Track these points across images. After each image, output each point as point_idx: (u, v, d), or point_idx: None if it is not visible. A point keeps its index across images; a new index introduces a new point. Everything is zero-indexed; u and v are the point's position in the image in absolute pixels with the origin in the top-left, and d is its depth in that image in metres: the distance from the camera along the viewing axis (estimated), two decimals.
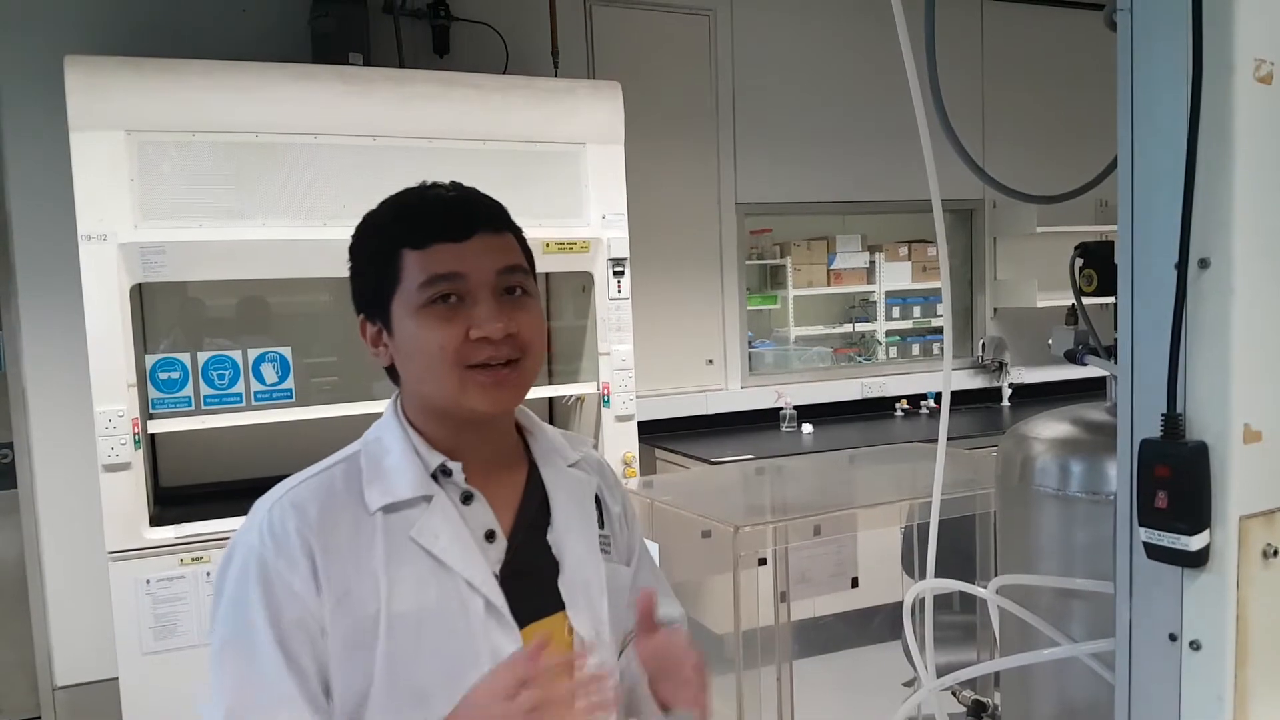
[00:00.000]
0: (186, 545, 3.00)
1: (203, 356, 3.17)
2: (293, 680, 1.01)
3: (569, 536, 1.17)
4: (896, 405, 5.02)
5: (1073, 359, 1.22)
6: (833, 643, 3.91)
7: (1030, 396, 5.25)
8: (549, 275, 3.96)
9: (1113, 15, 0.93)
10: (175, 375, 3.13)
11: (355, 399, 3.26)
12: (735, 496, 3.04)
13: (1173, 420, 0.88)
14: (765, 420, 4.75)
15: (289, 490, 1.10)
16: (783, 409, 4.72)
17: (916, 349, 5.38)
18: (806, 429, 4.60)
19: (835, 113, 4.83)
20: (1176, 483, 0.87)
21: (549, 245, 3.41)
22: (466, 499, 1.12)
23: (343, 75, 3.24)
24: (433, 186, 1.16)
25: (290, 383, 3.28)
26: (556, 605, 1.14)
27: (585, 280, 3.63)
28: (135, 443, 2.94)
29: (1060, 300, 4.77)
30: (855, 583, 2.70)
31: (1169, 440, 0.88)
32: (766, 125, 4.70)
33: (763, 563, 2.38)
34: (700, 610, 2.57)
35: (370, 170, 3.18)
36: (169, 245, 2.97)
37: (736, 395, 4.76)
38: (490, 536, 1.12)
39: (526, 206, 3.30)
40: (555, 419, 4.04)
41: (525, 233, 1.17)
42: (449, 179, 1.16)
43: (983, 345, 5.28)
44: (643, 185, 3.99)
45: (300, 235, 3.09)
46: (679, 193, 4.53)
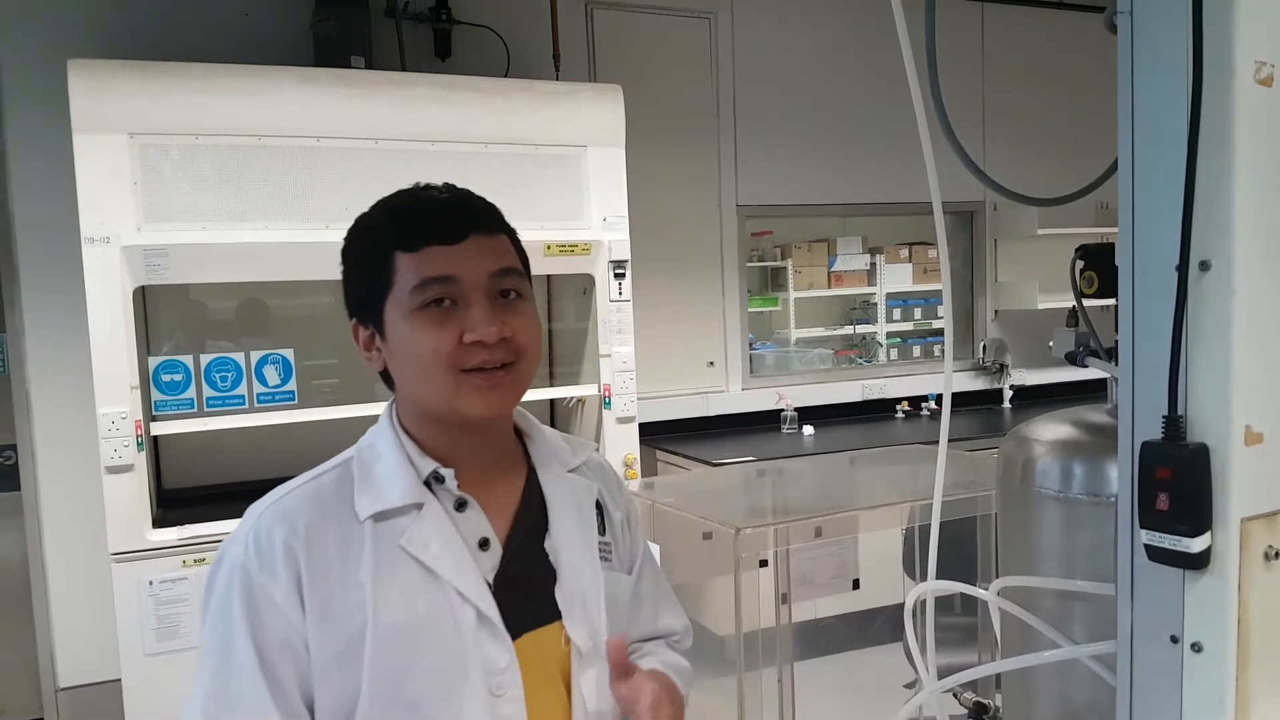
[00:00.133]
0: (189, 547, 3.00)
1: (205, 359, 3.17)
2: (268, 694, 1.00)
3: (567, 544, 1.15)
4: (897, 407, 5.02)
5: (1073, 361, 1.22)
6: (834, 644, 3.91)
7: (1031, 398, 5.25)
8: (550, 277, 3.97)
9: (1113, 17, 0.93)
10: (178, 377, 3.13)
11: (358, 401, 3.27)
12: (736, 498, 3.04)
13: (1174, 422, 0.88)
14: (766, 422, 4.75)
15: (277, 500, 1.08)
16: (784, 411, 4.72)
17: (917, 351, 5.39)
18: (807, 431, 4.61)
19: (836, 115, 4.83)
20: (1178, 485, 0.87)
21: (550, 247, 3.41)
22: (460, 506, 1.10)
23: (344, 78, 3.24)
24: (426, 188, 1.13)
25: (293, 385, 3.28)
26: (553, 615, 1.12)
27: (586, 282, 3.63)
28: (138, 444, 2.94)
29: (1061, 302, 4.77)
30: (856, 584, 2.70)
31: (1170, 442, 0.88)
32: (767, 128, 4.70)
33: (764, 564, 2.38)
34: (701, 612, 2.57)
35: (372, 173, 3.18)
36: (172, 248, 2.97)
37: (737, 397, 4.76)
38: (484, 544, 1.10)
39: (528, 209, 3.38)
40: (556, 421, 4.04)
41: (527, 235, 1.15)
42: (451, 182, 1.14)
43: (983, 347, 5.28)
44: (644, 188, 3.99)
45: (302, 238, 3.10)
46: (680, 195, 4.54)
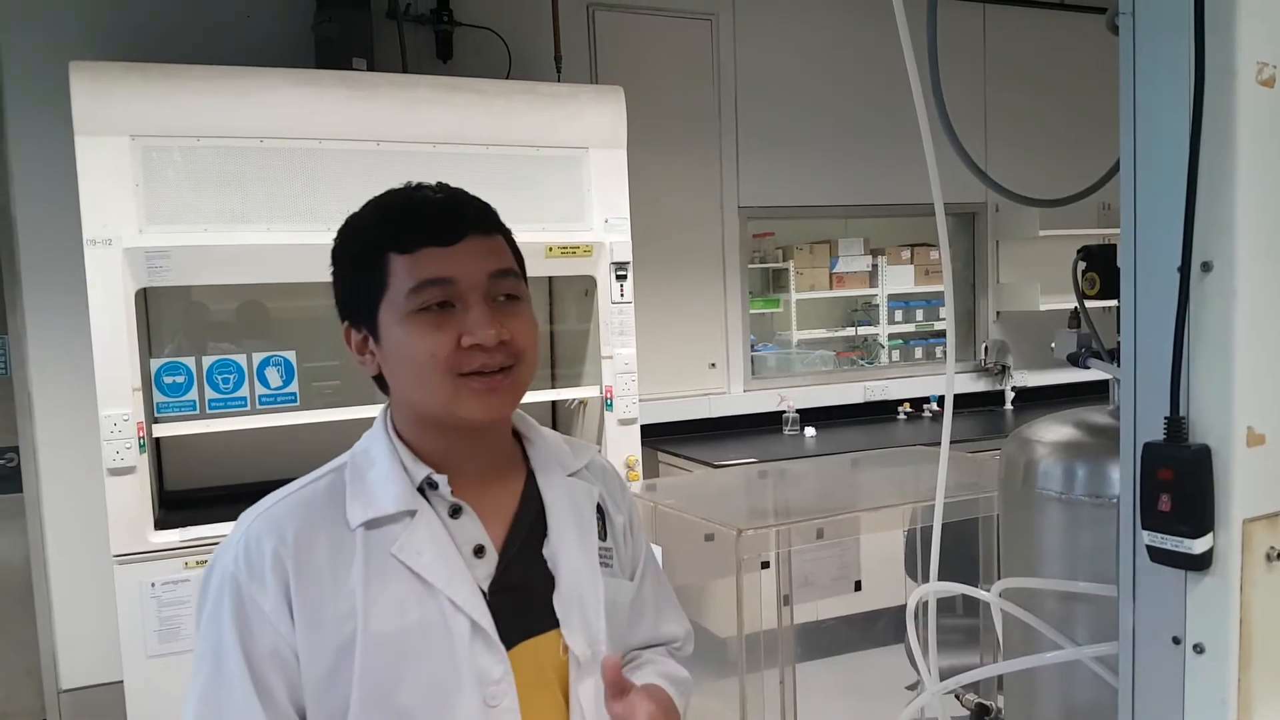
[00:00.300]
0: (191, 548, 3.00)
1: (207, 360, 3.18)
2: (259, 704, 1.00)
3: (566, 549, 1.12)
4: (899, 408, 5.02)
5: (1075, 362, 1.21)
6: (836, 646, 3.90)
7: (1033, 400, 5.25)
8: (552, 279, 3.97)
9: (1115, 19, 0.93)
10: (180, 379, 3.13)
11: (359, 402, 3.27)
12: (738, 500, 3.03)
13: (1176, 423, 0.88)
14: (768, 423, 4.75)
15: (268, 508, 1.07)
16: (785, 412, 4.72)
17: (919, 352, 5.39)
18: (809, 432, 4.60)
19: (837, 116, 4.83)
20: (1180, 486, 0.87)
21: (552, 249, 3.41)
22: (454, 512, 1.08)
23: (346, 80, 3.25)
24: (419, 188, 1.10)
25: (295, 386, 3.28)
26: (551, 623, 1.10)
27: (588, 284, 3.63)
28: (140, 446, 2.95)
29: (1063, 303, 4.77)
30: (858, 586, 2.69)
31: (1172, 443, 0.88)
32: (769, 129, 4.70)
33: (765, 566, 2.38)
34: (703, 613, 2.57)
35: (374, 175, 3.18)
36: (173, 250, 2.98)
37: (739, 398, 4.76)
38: (479, 551, 1.08)
39: (529, 210, 3.39)
40: (558, 422, 4.04)
41: (528, 237, 1.14)
42: (453, 183, 1.12)
43: (985, 348, 5.27)
44: (645, 189, 3.99)
45: (304, 240, 3.10)
46: (681, 196, 4.54)
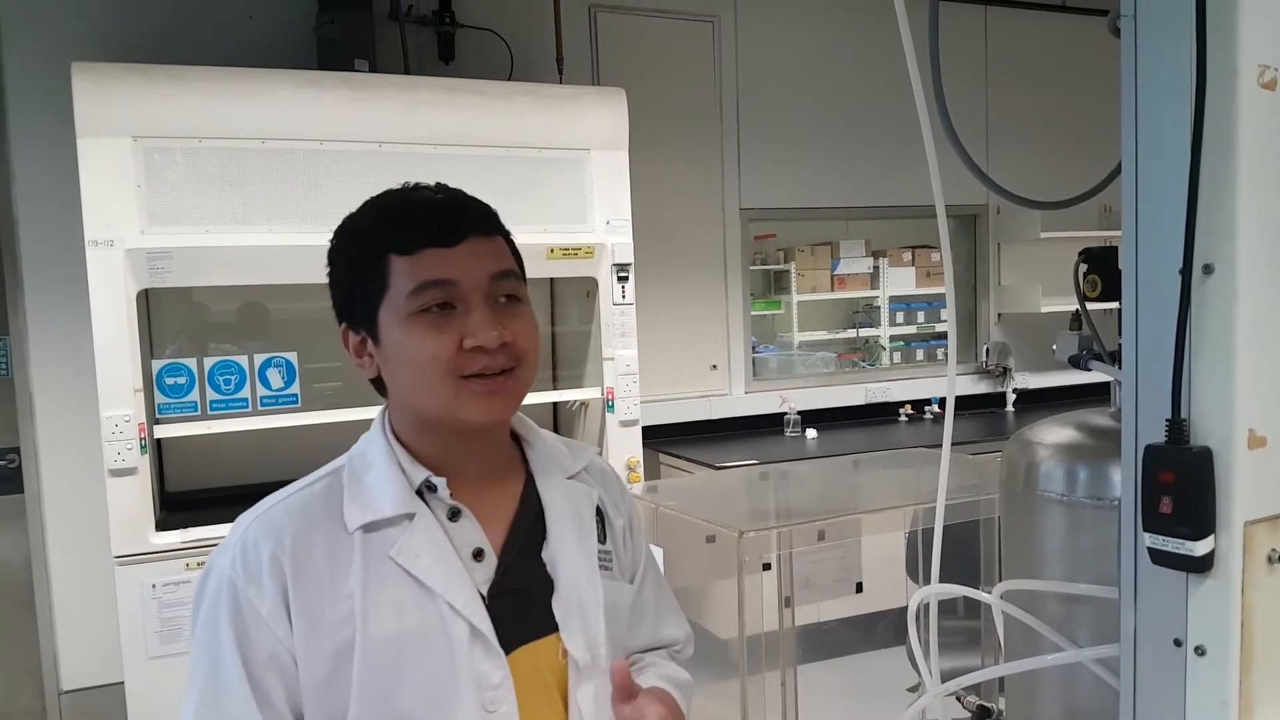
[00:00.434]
0: (192, 549, 3.00)
1: (209, 362, 3.18)
2: (257, 709, 0.99)
3: (565, 553, 1.12)
4: (900, 410, 5.02)
5: (1077, 364, 1.22)
6: (837, 648, 3.90)
7: (1034, 402, 5.25)
8: (553, 280, 3.97)
9: (1116, 21, 0.93)
10: (181, 380, 3.13)
11: (361, 404, 3.26)
12: (739, 501, 3.03)
13: (1177, 426, 0.88)
14: (769, 425, 4.74)
15: (265, 511, 1.06)
16: (787, 414, 4.72)
17: (920, 354, 5.39)
18: (810, 434, 4.60)
19: (839, 118, 4.83)
20: (1181, 488, 0.87)
21: (553, 250, 3.41)
22: (453, 515, 1.07)
23: (348, 82, 3.25)
24: (417, 188, 1.09)
25: (296, 388, 3.29)
26: (550, 627, 1.09)
27: (589, 285, 3.63)
28: (141, 447, 2.95)
29: (1064, 305, 4.77)
30: (859, 588, 2.69)
31: (1173, 446, 0.88)
32: (770, 131, 4.70)
33: (767, 568, 2.37)
34: (704, 615, 2.57)
35: (376, 176, 3.18)
36: (175, 251, 2.98)
37: (740, 400, 4.76)
38: (478, 555, 1.07)
39: (531, 212, 3.39)
40: (559, 424, 4.05)
41: (530, 238, 1.15)
42: (454, 185, 1.11)
43: (986, 350, 5.27)
44: (647, 191, 3.99)
45: (306, 241, 3.10)
46: (683, 198, 4.54)
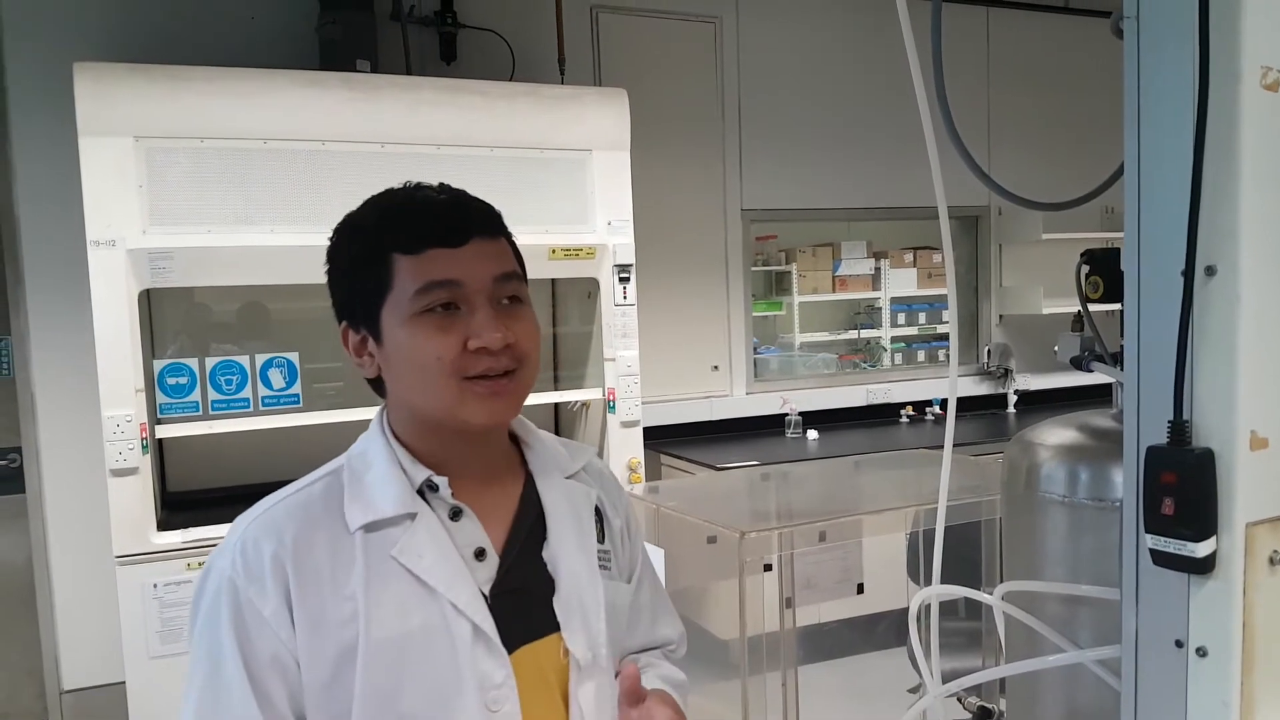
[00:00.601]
0: (193, 549, 3.00)
1: (210, 362, 3.18)
2: (259, 711, 0.98)
3: (565, 552, 1.12)
4: (901, 411, 5.01)
5: (1078, 366, 1.21)
6: (838, 649, 3.90)
7: (1036, 403, 5.24)
8: (555, 281, 3.97)
9: (1119, 22, 0.93)
10: (183, 380, 3.14)
11: (362, 404, 3.27)
12: (741, 502, 3.03)
13: (1179, 427, 0.87)
14: (770, 426, 4.74)
15: (265, 511, 1.05)
16: (788, 415, 4.72)
17: (922, 355, 5.39)
18: (812, 435, 4.60)
19: (841, 119, 4.83)
20: (1183, 489, 0.87)
21: (555, 251, 3.41)
22: (455, 515, 1.07)
23: (350, 82, 3.25)
24: (420, 188, 1.09)
25: (298, 388, 3.29)
26: (551, 626, 1.09)
27: (591, 286, 3.64)
28: (143, 447, 2.95)
29: (1066, 307, 4.76)
30: (861, 589, 2.69)
31: (1175, 447, 0.88)
32: (772, 132, 4.70)
33: (768, 568, 2.37)
34: (705, 616, 2.57)
35: (377, 176, 3.12)
36: (177, 251, 2.98)
37: (742, 401, 4.76)
38: (480, 554, 1.07)
39: (533, 213, 3.39)
40: (560, 424, 4.05)
41: (532, 239, 1.16)
42: (456, 185, 1.11)
43: (988, 352, 5.27)
44: (648, 192, 3.99)
45: (307, 241, 3.10)
46: (685, 199, 4.54)
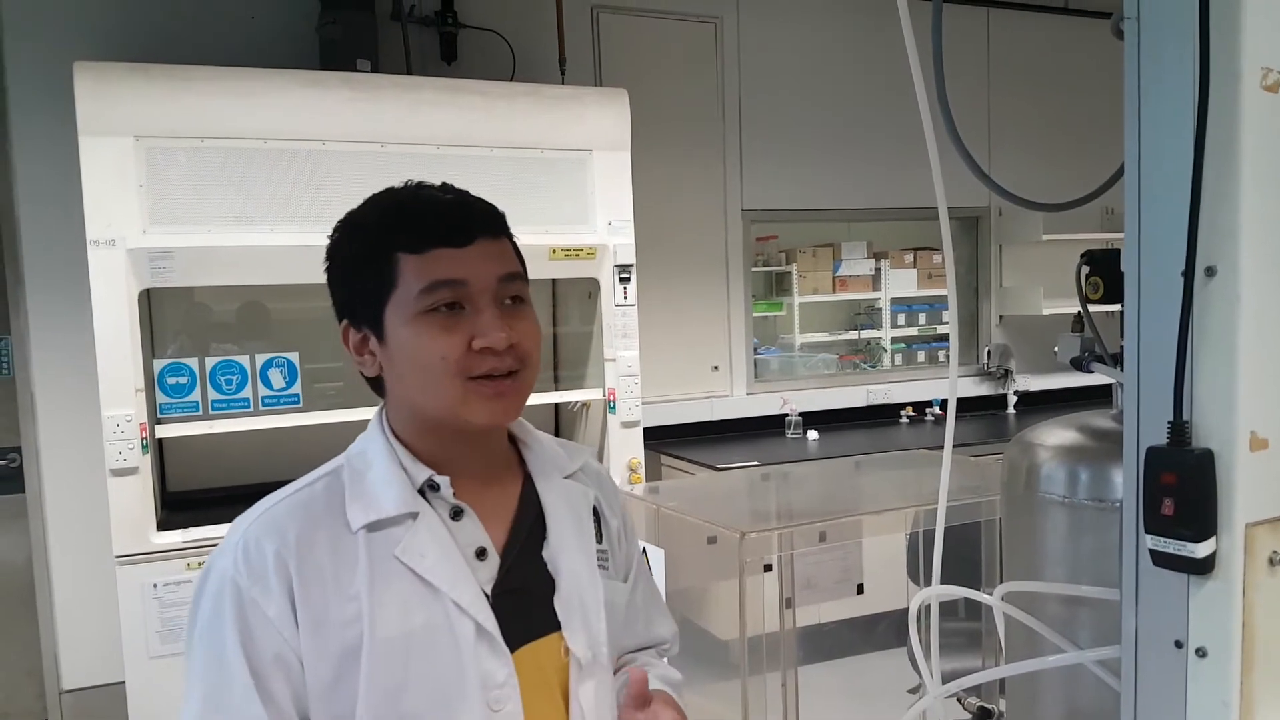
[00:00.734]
0: (193, 549, 3.01)
1: (210, 361, 3.18)
2: (261, 710, 0.98)
3: (565, 552, 1.13)
4: (902, 412, 5.02)
5: (1079, 366, 1.21)
6: (838, 649, 3.90)
7: (1036, 404, 5.24)
8: (555, 281, 3.97)
9: (1119, 23, 0.93)
10: (183, 380, 3.14)
11: (362, 404, 3.27)
12: (741, 502, 3.03)
13: (1179, 428, 0.88)
14: (771, 426, 4.74)
15: (266, 510, 1.05)
16: (788, 415, 4.72)
17: (922, 356, 5.39)
18: (812, 435, 4.60)
19: (841, 120, 4.83)
20: (1183, 490, 0.87)
21: (555, 251, 3.41)
22: (456, 514, 1.07)
23: (350, 82, 3.25)
24: (422, 186, 1.09)
25: (298, 388, 3.29)
26: (551, 625, 1.10)
27: (591, 286, 3.64)
28: (143, 447, 2.95)
29: (1066, 307, 4.76)
30: (861, 589, 2.69)
31: (1175, 447, 0.88)
32: (772, 132, 4.71)
33: (768, 569, 2.37)
34: (705, 616, 2.57)
35: (378, 176, 3.12)
36: (177, 250, 2.98)
37: (742, 401, 4.76)
38: (481, 554, 1.07)
39: (533, 213, 3.39)
40: (560, 425, 4.05)
41: (532, 239, 1.16)
42: (457, 185, 1.11)
43: (988, 352, 5.27)
44: (649, 192, 4.00)
45: (307, 241, 3.10)
46: (685, 199, 4.54)
